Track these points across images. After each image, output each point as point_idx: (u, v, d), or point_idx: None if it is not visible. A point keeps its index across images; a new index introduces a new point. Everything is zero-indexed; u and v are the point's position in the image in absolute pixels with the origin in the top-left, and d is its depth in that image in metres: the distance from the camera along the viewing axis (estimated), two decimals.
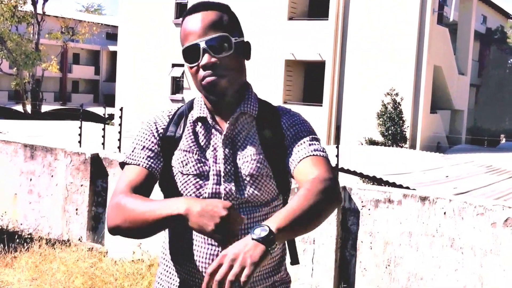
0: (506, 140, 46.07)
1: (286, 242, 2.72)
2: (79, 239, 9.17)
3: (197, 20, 2.60)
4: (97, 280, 7.52)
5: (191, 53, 2.59)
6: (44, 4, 48.64)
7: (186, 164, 2.61)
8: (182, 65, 36.86)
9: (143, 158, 2.62)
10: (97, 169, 9.19)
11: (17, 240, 8.72)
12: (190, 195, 2.59)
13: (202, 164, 2.61)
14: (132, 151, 2.67)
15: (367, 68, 31.69)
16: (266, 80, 32.55)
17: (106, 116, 19.63)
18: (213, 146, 2.64)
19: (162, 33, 37.69)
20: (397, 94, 29.71)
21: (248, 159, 2.62)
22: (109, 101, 51.24)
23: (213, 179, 2.60)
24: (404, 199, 6.86)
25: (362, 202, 7.16)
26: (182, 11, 37.26)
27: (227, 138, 2.65)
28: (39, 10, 48.38)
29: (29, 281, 7.51)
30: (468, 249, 6.45)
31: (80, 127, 17.15)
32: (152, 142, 2.67)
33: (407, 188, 11.47)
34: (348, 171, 15.11)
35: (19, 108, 51.33)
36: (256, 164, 2.62)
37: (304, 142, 2.65)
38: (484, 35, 50.45)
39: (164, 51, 37.58)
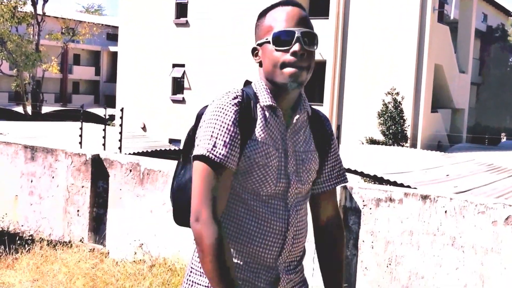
0: (507, 138, 46.05)
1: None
2: (81, 240, 9.17)
3: (293, 12, 2.73)
4: (99, 281, 7.52)
5: (282, 38, 2.69)
6: (44, 4, 48.68)
7: (269, 157, 2.71)
8: (183, 65, 36.90)
9: (226, 156, 2.63)
10: (98, 170, 9.18)
11: (18, 242, 8.71)
12: (270, 186, 2.72)
13: (273, 156, 2.72)
14: (214, 146, 2.64)
15: (368, 68, 31.69)
16: None
17: (107, 117, 19.66)
18: (281, 137, 2.77)
19: (162, 34, 37.69)
20: (397, 93, 29.72)
21: (310, 156, 2.84)
22: (110, 102, 51.37)
23: (283, 171, 2.75)
24: (405, 198, 6.86)
25: (363, 201, 7.16)
26: (182, 11, 37.27)
27: (292, 131, 2.81)
28: (39, 11, 48.44)
29: (31, 282, 7.51)
30: (469, 248, 6.45)
31: (81, 128, 17.19)
32: (232, 133, 2.66)
33: (408, 187, 11.48)
34: (349, 171, 15.12)
35: (19, 109, 51.35)
36: (315, 161, 2.87)
37: (339, 162, 3.05)
38: (484, 33, 50.41)
39: (164, 52, 37.58)
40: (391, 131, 29.54)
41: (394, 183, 12.47)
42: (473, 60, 42.01)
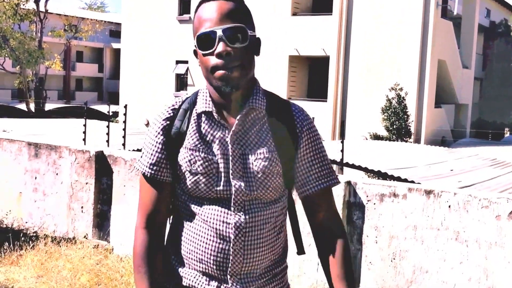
0: (511, 133, 46.05)
1: (291, 233, 2.86)
2: (85, 237, 9.18)
3: (215, 8, 2.55)
4: (103, 277, 7.54)
5: (205, 40, 2.54)
6: (46, 1, 48.70)
7: (194, 163, 2.59)
8: (186, 62, 36.90)
9: (149, 166, 2.68)
10: (102, 167, 9.20)
11: (23, 238, 8.73)
12: (202, 193, 2.61)
13: (210, 162, 2.59)
14: (141, 157, 2.73)
15: (371, 63, 31.67)
16: (270, 76, 32.54)
17: (110, 113, 19.68)
18: (220, 142, 2.60)
19: (165, 30, 37.70)
20: (401, 89, 29.71)
21: (260, 156, 2.60)
22: (113, 98, 51.39)
23: (223, 176, 2.59)
24: (409, 193, 6.86)
25: (367, 196, 7.17)
26: (185, 8, 37.28)
27: (235, 134, 2.60)
28: (42, 8, 48.44)
29: (35, 279, 7.53)
30: (473, 242, 6.45)
31: (85, 125, 17.20)
32: (159, 145, 2.67)
33: (412, 182, 11.49)
34: (353, 166, 15.14)
35: (22, 106, 51.38)
36: (268, 162, 2.61)
37: (319, 161, 2.75)
38: (488, 28, 50.35)
39: (168, 48, 37.60)
40: (395, 126, 29.53)
41: (398, 179, 12.48)
42: (476, 55, 41.97)
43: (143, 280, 2.64)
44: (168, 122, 2.68)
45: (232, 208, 2.60)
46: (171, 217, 2.82)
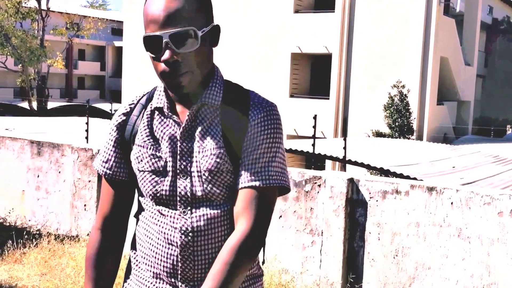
0: None
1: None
2: (88, 234, 9.20)
3: (161, 6, 2.28)
4: None
5: (151, 44, 2.32)
6: (48, 0, 48.68)
7: (141, 160, 2.44)
8: None
9: (109, 165, 2.56)
10: None
11: (26, 236, 8.77)
12: (148, 192, 2.45)
13: (157, 159, 2.42)
14: (98, 153, 2.67)
15: (374, 61, 31.67)
16: (272, 74, 32.54)
17: (113, 111, 19.70)
18: (170, 139, 2.42)
19: None
20: (403, 86, 29.71)
21: (207, 154, 2.38)
22: (115, 96, 51.41)
23: (171, 175, 2.41)
24: (411, 190, 6.87)
25: (370, 193, 7.18)
26: None
27: (186, 130, 2.42)
28: (43, 6, 48.43)
29: (39, 276, 7.55)
30: (475, 239, 6.46)
31: (87, 123, 17.20)
32: (112, 142, 2.56)
33: (415, 179, 11.48)
34: (355, 163, 15.14)
35: (25, 105, 51.39)
36: (215, 159, 2.37)
37: (254, 157, 2.41)
38: (490, 25, 50.34)
39: None
40: (397, 123, 29.53)
41: (401, 175, 12.48)
42: (478, 52, 41.94)
43: (89, 284, 2.55)
44: (124, 118, 2.55)
45: (178, 211, 2.41)
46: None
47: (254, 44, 33.86)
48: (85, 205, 9.32)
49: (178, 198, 2.40)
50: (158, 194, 2.43)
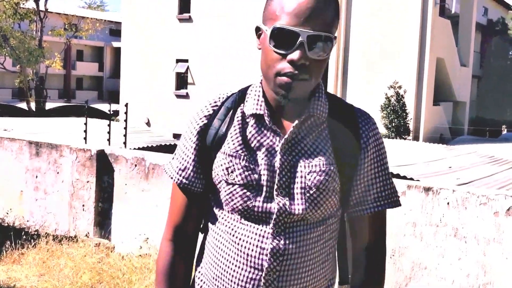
0: (508, 130, 46.10)
1: (337, 260, 2.40)
2: (86, 235, 9.23)
3: (306, 3, 2.04)
4: (105, 275, 7.58)
5: (281, 37, 2.08)
6: (46, 0, 48.64)
7: (232, 172, 2.18)
8: (186, 61, 36.91)
9: (181, 174, 2.31)
10: (103, 165, 9.24)
11: (24, 237, 8.78)
12: (237, 207, 2.19)
13: (250, 172, 2.17)
14: (172, 158, 2.37)
15: (370, 61, 31.72)
16: None
17: (111, 112, 19.71)
18: (267, 150, 2.18)
19: (165, 29, 37.70)
20: (400, 87, 29.81)
21: (315, 169, 2.16)
22: (113, 97, 51.31)
23: (265, 191, 2.16)
24: (408, 190, 6.90)
25: None
26: (185, 7, 37.28)
27: (288, 142, 2.17)
28: (42, 7, 48.39)
29: (37, 277, 7.57)
30: (472, 238, 6.50)
31: (85, 124, 17.22)
32: (192, 149, 2.29)
33: (411, 179, 11.52)
34: None
35: (23, 105, 51.29)
36: (325, 177, 2.16)
37: (382, 179, 2.30)
38: (485, 26, 50.49)
39: (168, 47, 37.59)
40: (393, 124, 29.63)
41: (397, 176, 12.52)
42: (474, 53, 42.06)
43: None
44: (206, 122, 2.28)
45: (271, 230, 2.16)
46: (202, 235, 2.43)
47: (251, 45, 33.87)
48: (83, 205, 9.34)
49: (274, 216, 2.16)
50: (249, 211, 2.18)
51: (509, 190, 10.16)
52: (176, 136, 33.66)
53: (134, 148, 16.98)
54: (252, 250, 2.17)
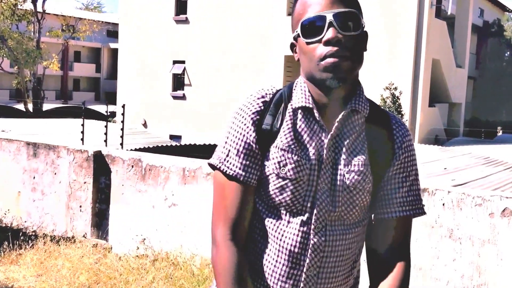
0: (503, 132, 46.20)
1: (359, 267, 2.46)
2: (84, 236, 9.24)
3: None
4: (102, 275, 7.58)
5: (311, 27, 2.17)
6: (44, 2, 48.62)
7: (285, 166, 2.21)
8: (183, 62, 36.91)
9: (240, 167, 2.27)
10: (100, 166, 9.26)
11: (22, 238, 8.77)
12: (285, 201, 2.23)
13: (302, 167, 2.20)
14: (227, 155, 2.30)
15: (366, 62, 31.15)
16: (266, 77, 32.58)
17: (108, 113, 19.74)
18: (316, 145, 2.23)
19: (162, 30, 37.71)
20: (395, 88, 29.85)
21: (354, 169, 2.23)
22: (111, 98, 51.27)
23: (313, 185, 2.22)
24: None
25: None
26: (182, 8, 37.31)
27: (333, 138, 2.24)
28: (39, 8, 48.36)
29: (35, 278, 7.57)
30: (466, 239, 6.53)
31: (83, 125, 17.23)
32: (251, 142, 2.26)
33: None
34: None
35: (20, 106, 51.29)
36: (362, 177, 2.24)
37: (408, 184, 2.35)
38: (481, 28, 50.62)
39: (165, 48, 37.60)
40: None
41: None
42: (469, 54, 42.15)
43: None
44: (258, 117, 2.27)
45: (312, 227, 2.22)
46: None
47: (248, 46, 33.88)
48: (80, 206, 9.36)
49: (315, 212, 2.22)
50: (297, 205, 2.23)
51: (504, 191, 10.18)
52: (173, 137, 33.69)
53: (131, 149, 16.98)
54: (294, 246, 2.22)
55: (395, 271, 2.28)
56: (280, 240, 2.24)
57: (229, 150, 2.28)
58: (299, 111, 2.25)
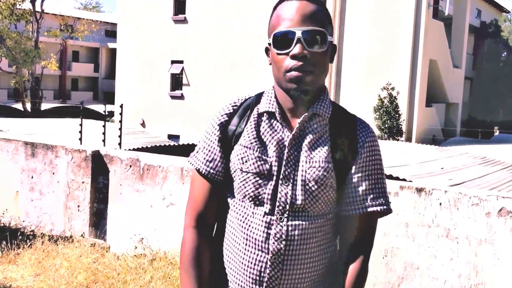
0: (500, 132, 46.25)
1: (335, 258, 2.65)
2: (82, 235, 9.25)
3: (296, 8, 2.42)
4: (100, 275, 7.59)
5: (282, 40, 2.43)
6: (42, 2, 48.61)
7: (246, 161, 2.48)
8: (181, 62, 36.92)
9: (203, 162, 2.59)
10: (98, 166, 9.27)
11: (20, 237, 8.78)
12: (248, 194, 2.48)
13: (262, 162, 2.47)
14: (197, 152, 2.65)
15: (364, 63, 31.77)
16: (265, 77, 32.59)
17: (106, 113, 19.74)
18: (278, 144, 2.48)
19: (161, 30, 37.72)
20: (393, 88, 29.91)
21: (315, 165, 2.45)
22: (109, 98, 51.27)
23: (274, 180, 2.46)
24: (400, 190, 6.94)
25: None
26: (180, 8, 37.32)
27: (295, 138, 2.48)
28: (38, 8, 48.37)
29: (33, 277, 7.57)
30: (463, 239, 6.54)
31: (81, 125, 17.22)
32: (216, 141, 2.58)
33: (404, 180, 11.56)
34: None
35: (19, 106, 51.28)
36: (323, 172, 2.45)
37: (370, 182, 2.53)
38: (478, 28, 50.66)
39: (163, 48, 37.62)
40: (386, 125, 29.72)
41: (390, 177, 12.56)
42: (467, 55, 42.22)
43: (191, 283, 2.53)
44: (226, 118, 2.59)
45: (275, 217, 2.45)
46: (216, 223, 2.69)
47: (246, 46, 33.88)
48: (78, 206, 9.37)
49: (277, 204, 2.45)
50: (259, 197, 2.48)
51: (501, 191, 10.22)
52: (171, 137, 33.69)
53: (129, 149, 16.99)
54: (259, 235, 2.45)
55: (350, 269, 2.53)
56: (247, 230, 2.48)
57: (199, 148, 2.63)
58: (264, 114, 2.54)
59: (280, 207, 2.45)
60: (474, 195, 6.55)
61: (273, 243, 2.43)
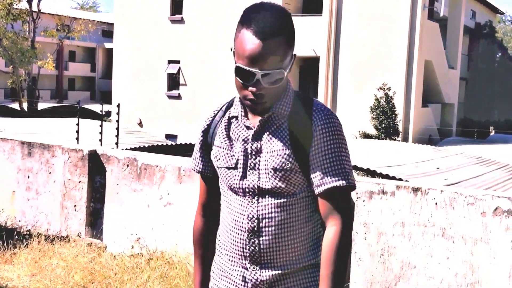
0: (495, 132, 46.34)
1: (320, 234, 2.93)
2: (78, 235, 9.23)
3: (258, 47, 2.61)
4: (97, 274, 7.58)
5: (244, 73, 2.67)
6: (39, 1, 48.59)
7: (219, 159, 2.91)
8: (178, 62, 36.96)
9: (197, 163, 3.09)
10: (95, 166, 9.25)
11: (16, 237, 8.75)
12: (226, 184, 2.90)
13: (230, 157, 2.86)
14: (194, 154, 3.12)
15: (360, 64, 31.82)
16: None
17: (103, 113, 19.72)
18: (243, 140, 2.84)
19: (158, 30, 37.73)
20: (389, 89, 29.99)
21: (274, 154, 2.77)
22: (106, 98, 51.28)
23: (241, 170, 2.84)
24: (397, 190, 6.95)
25: (356, 194, 7.24)
26: (177, 8, 37.33)
27: (257, 133, 2.82)
28: (35, 8, 48.33)
29: (29, 277, 7.55)
30: (459, 238, 6.55)
31: (78, 124, 17.20)
32: (199, 144, 3.05)
33: (400, 179, 11.58)
34: None
35: (15, 106, 51.16)
36: (281, 159, 2.76)
37: (328, 161, 2.77)
38: (473, 29, 50.82)
39: (160, 48, 37.63)
40: (383, 125, 29.78)
41: (387, 176, 12.58)
42: (462, 56, 42.36)
43: (196, 259, 3.13)
44: (208, 123, 3.01)
45: (247, 200, 2.83)
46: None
47: None
48: (75, 205, 9.36)
49: (247, 190, 2.83)
50: (232, 186, 2.87)
51: (496, 191, 10.24)
52: (168, 137, 33.70)
53: (126, 149, 16.96)
54: (238, 216, 2.86)
55: (324, 242, 2.76)
56: (231, 214, 2.89)
57: (194, 151, 3.12)
58: (233, 118, 2.91)
59: (250, 192, 2.82)
60: (469, 195, 6.56)
61: (247, 222, 2.81)
